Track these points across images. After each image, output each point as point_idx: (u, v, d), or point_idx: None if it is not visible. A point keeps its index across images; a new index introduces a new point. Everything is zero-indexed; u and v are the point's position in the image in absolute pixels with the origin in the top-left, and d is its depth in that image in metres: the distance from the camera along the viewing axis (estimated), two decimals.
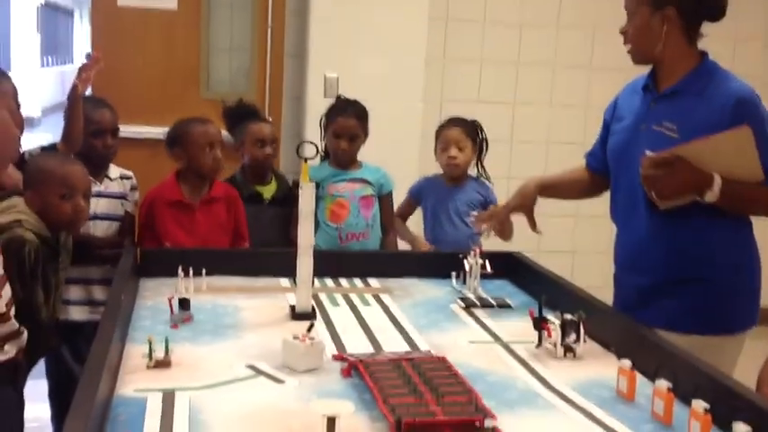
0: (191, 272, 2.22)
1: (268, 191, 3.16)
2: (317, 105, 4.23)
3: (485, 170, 3.27)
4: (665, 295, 2.23)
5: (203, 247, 2.78)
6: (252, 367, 1.74)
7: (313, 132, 4.19)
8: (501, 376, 1.76)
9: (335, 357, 1.81)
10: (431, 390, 1.55)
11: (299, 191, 2.04)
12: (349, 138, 3.13)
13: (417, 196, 3.29)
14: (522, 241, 2.60)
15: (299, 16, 4.34)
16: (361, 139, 3.18)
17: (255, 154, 3.11)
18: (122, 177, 2.98)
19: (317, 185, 2.93)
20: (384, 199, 3.22)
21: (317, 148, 2.14)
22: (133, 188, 3.01)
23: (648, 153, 2.15)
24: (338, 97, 3.29)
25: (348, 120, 3.13)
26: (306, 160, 2.06)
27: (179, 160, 2.91)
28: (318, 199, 3.01)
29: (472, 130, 3.22)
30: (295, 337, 1.75)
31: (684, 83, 2.23)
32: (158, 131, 3.65)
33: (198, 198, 2.88)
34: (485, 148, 3.25)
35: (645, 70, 2.35)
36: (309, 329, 1.79)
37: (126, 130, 3.32)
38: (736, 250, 2.24)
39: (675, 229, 2.19)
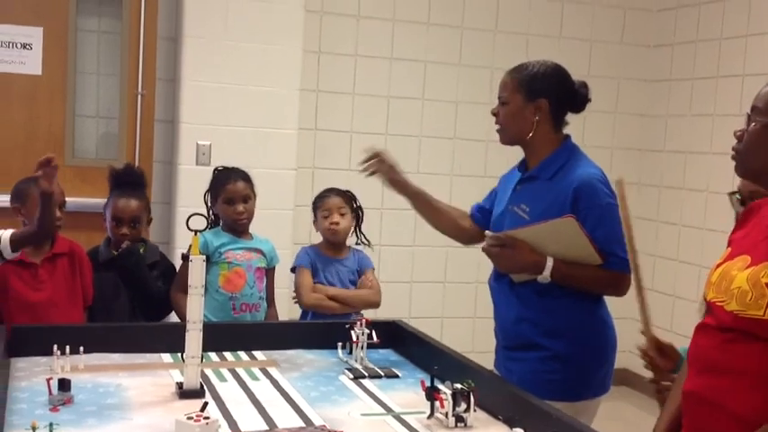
0: (67, 350, 2.13)
1: None
2: (188, 172, 4.19)
3: (364, 235, 3.34)
4: (509, 359, 2.44)
5: (77, 323, 2.72)
6: None
7: (185, 200, 4.15)
8: None
9: None
10: None
11: (189, 264, 2.01)
12: (242, 200, 3.11)
13: (313, 266, 3.23)
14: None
15: (169, 83, 4.30)
16: (254, 201, 3.16)
17: (112, 230, 3.09)
18: None
19: (213, 251, 2.98)
20: (270, 272, 3.19)
21: (206, 219, 2.11)
22: None
23: (487, 232, 2.37)
24: (216, 168, 3.25)
25: (237, 183, 3.11)
26: (196, 233, 2.04)
27: (20, 217, 2.91)
28: (212, 264, 2.99)
29: (349, 199, 3.30)
30: (189, 417, 1.71)
31: (540, 168, 2.41)
32: None
33: (40, 256, 2.89)
34: (361, 215, 3.34)
35: None
36: (203, 409, 1.75)
37: None
38: (582, 325, 2.39)
39: (527, 298, 2.37)
